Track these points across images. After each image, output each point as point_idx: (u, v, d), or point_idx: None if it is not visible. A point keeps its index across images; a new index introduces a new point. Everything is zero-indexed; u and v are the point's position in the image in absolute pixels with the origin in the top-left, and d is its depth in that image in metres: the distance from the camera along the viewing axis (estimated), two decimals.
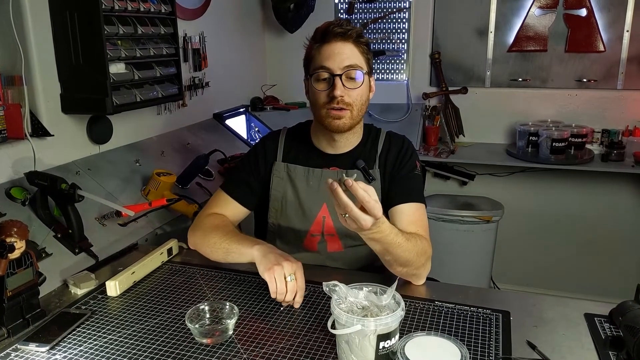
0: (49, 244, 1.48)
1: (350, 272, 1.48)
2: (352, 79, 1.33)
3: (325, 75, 1.32)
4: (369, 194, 1.03)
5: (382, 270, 1.39)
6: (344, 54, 1.31)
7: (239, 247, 1.37)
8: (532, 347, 1.08)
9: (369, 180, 1.27)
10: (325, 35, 1.33)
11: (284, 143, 1.52)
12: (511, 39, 3.02)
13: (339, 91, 1.30)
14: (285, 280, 1.19)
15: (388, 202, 1.40)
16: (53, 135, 1.72)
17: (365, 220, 1.05)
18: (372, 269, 1.51)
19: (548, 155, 2.79)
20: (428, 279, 1.70)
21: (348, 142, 1.43)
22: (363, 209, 1.04)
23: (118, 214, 1.67)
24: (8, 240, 1.12)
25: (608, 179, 3.00)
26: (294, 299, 1.21)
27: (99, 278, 1.42)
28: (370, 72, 1.38)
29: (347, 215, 1.06)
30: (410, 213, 1.37)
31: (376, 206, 1.04)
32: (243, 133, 2.98)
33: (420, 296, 1.30)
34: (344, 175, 1.04)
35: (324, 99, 1.33)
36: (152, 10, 1.91)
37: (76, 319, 1.20)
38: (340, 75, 1.30)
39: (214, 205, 1.52)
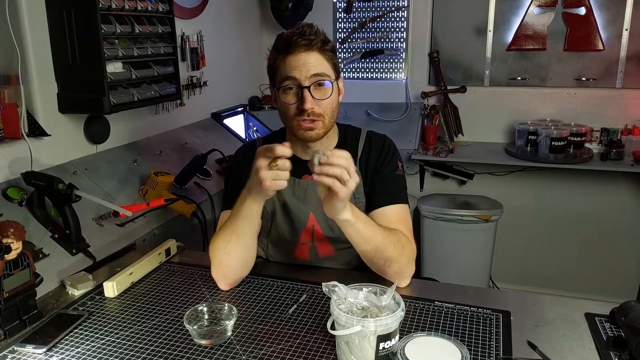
0: (46, 245, 1.47)
1: (348, 272, 1.48)
2: (320, 87, 1.29)
3: (293, 87, 1.29)
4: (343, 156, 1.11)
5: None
6: (309, 64, 1.27)
7: (236, 217, 1.26)
8: (533, 347, 1.07)
9: None
10: (288, 46, 1.29)
11: None
12: (510, 37, 3.01)
13: (308, 104, 1.27)
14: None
15: (370, 204, 1.39)
16: (50, 135, 1.71)
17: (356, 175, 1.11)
18: (363, 269, 1.50)
19: (547, 154, 2.79)
20: (427, 278, 1.70)
21: (322, 147, 1.39)
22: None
23: (116, 214, 1.66)
24: (4, 241, 1.11)
25: (607, 178, 2.99)
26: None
27: (97, 279, 1.41)
28: (338, 76, 1.35)
29: (349, 180, 1.09)
30: (393, 214, 1.35)
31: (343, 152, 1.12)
32: (241, 132, 2.97)
33: (420, 296, 1.29)
34: (316, 156, 1.09)
35: (294, 111, 1.30)
36: (150, 9, 1.90)
37: (74, 320, 1.20)
38: (308, 87, 1.27)
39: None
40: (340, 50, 3.29)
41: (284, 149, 1.11)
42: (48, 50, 1.71)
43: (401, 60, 3.24)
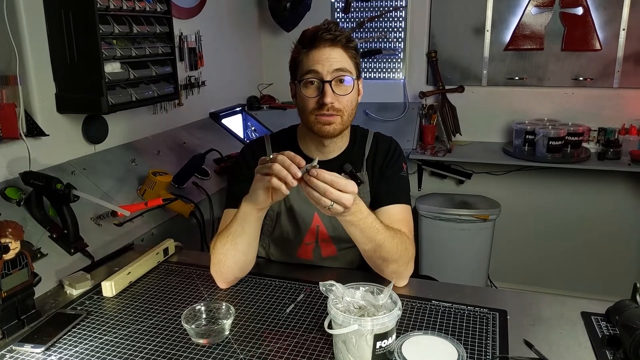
0: (44, 245, 1.47)
1: (346, 271, 1.48)
2: (341, 83, 1.30)
3: (314, 80, 1.30)
4: (334, 175, 1.08)
5: None
6: (332, 59, 1.29)
7: (234, 220, 1.26)
8: (529, 346, 1.08)
9: (357, 184, 1.25)
10: (313, 41, 1.30)
11: (272, 150, 1.46)
12: (508, 37, 3.02)
13: (329, 98, 1.28)
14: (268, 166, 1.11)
15: (374, 203, 1.40)
16: (48, 135, 1.71)
17: (347, 198, 1.09)
18: (365, 268, 1.50)
19: (545, 154, 2.79)
20: (425, 277, 1.70)
21: (337, 147, 1.42)
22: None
23: (114, 213, 1.66)
24: (2, 240, 1.12)
25: (604, 178, 3.00)
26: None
27: (95, 278, 1.42)
28: (359, 76, 1.36)
29: (332, 205, 1.08)
30: (396, 213, 1.36)
31: (348, 183, 1.09)
32: (239, 132, 2.97)
33: (417, 295, 1.30)
34: (305, 168, 1.07)
35: (313, 105, 1.31)
36: (148, 9, 1.90)
37: (72, 320, 1.20)
38: (330, 82, 1.28)
39: (224, 225, 1.37)
40: None
41: (288, 156, 1.09)
42: (46, 50, 1.71)
43: (399, 60, 3.24)
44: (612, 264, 3.09)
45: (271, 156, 1.11)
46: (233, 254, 1.28)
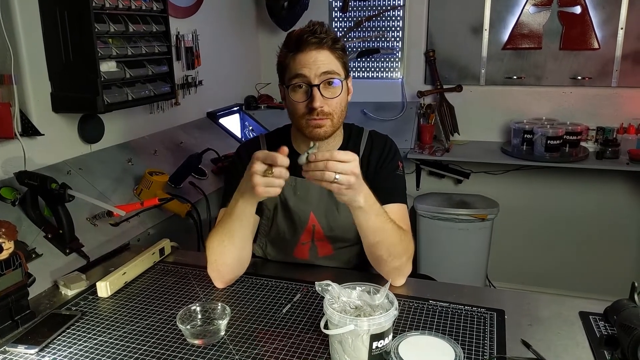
0: (39, 245, 1.46)
1: (343, 271, 1.47)
2: (330, 86, 1.29)
3: (302, 85, 1.28)
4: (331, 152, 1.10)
5: (371, 267, 1.38)
6: (319, 62, 1.27)
7: (229, 217, 1.26)
8: (527, 346, 1.07)
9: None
10: (299, 44, 1.28)
11: (267, 150, 1.46)
12: (506, 36, 3.01)
13: (318, 102, 1.27)
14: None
15: None
16: (43, 135, 1.71)
17: (351, 166, 1.09)
18: (362, 268, 1.50)
19: (543, 153, 2.79)
20: (423, 276, 1.70)
21: (329, 146, 1.40)
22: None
23: (109, 213, 1.66)
24: None
25: (603, 177, 2.99)
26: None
27: (90, 279, 1.41)
28: (347, 76, 1.35)
29: (337, 177, 1.08)
30: (392, 212, 1.35)
31: (345, 153, 1.10)
32: (237, 132, 2.96)
33: (414, 295, 1.29)
34: (305, 155, 1.09)
35: (303, 109, 1.29)
36: (144, 8, 1.89)
37: (66, 320, 1.19)
38: (317, 86, 1.27)
39: None
40: None
41: (283, 159, 1.10)
42: (41, 49, 1.71)
43: (397, 59, 3.24)
44: (611, 264, 3.09)
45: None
46: (231, 250, 1.27)
